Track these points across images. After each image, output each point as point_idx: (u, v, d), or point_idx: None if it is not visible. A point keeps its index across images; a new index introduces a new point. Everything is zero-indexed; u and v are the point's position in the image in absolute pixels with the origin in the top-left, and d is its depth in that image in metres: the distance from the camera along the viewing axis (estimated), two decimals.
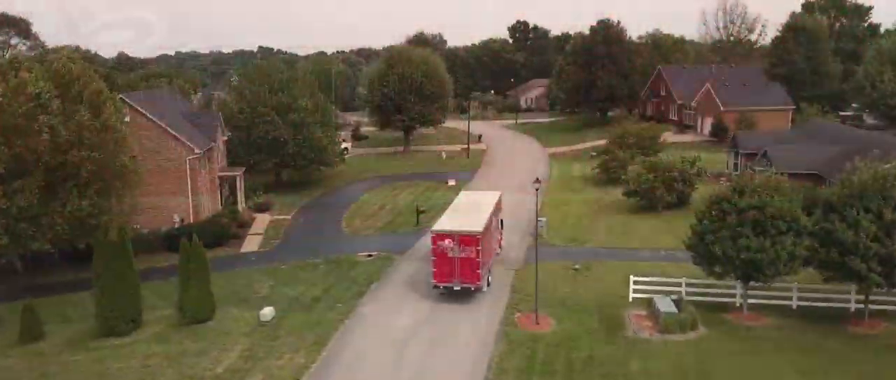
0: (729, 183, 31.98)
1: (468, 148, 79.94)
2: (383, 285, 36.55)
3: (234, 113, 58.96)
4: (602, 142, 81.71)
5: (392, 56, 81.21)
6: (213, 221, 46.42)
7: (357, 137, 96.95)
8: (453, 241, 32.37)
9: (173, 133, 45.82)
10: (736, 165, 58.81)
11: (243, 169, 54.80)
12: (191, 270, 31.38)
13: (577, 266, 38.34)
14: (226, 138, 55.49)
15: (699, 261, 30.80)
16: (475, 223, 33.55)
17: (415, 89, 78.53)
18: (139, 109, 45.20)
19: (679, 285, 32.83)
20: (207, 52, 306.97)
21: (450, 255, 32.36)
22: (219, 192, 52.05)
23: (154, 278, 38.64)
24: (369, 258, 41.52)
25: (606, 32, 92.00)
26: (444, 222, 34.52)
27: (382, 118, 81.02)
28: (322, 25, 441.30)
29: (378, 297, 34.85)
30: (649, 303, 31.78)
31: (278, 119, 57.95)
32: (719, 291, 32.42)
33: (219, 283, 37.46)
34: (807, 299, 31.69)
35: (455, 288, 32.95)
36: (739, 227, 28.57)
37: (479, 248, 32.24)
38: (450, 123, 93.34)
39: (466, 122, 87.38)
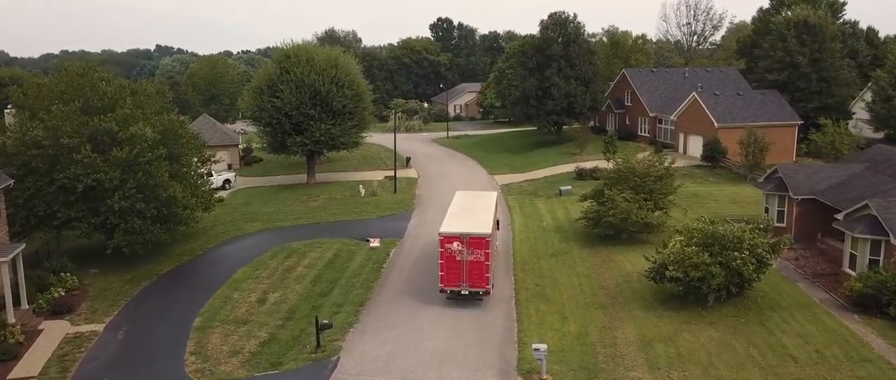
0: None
1: (395, 178, 59.85)
2: None
3: (24, 146, 36.86)
4: (566, 168, 64.35)
5: (287, 57, 59.25)
6: None
7: (248, 161, 75.11)
8: (462, 243, 30.87)
9: None
10: (780, 212, 41.35)
11: (22, 245, 32.72)
12: None
13: None
14: None
15: None
16: (483, 225, 32.20)
17: (320, 102, 57.63)
18: None
19: None
20: (98, 51, 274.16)
21: (458, 258, 30.89)
22: None
23: None
24: None
25: (562, 29, 73.69)
26: (451, 224, 32.56)
27: (275, 141, 59.35)
28: (234, 27, 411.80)
29: None
30: None
31: (97, 156, 36.29)
32: None
33: None
34: None
35: (463, 292, 31.36)
36: None
37: (488, 251, 30.86)
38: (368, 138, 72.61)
39: (389, 138, 67.29)
